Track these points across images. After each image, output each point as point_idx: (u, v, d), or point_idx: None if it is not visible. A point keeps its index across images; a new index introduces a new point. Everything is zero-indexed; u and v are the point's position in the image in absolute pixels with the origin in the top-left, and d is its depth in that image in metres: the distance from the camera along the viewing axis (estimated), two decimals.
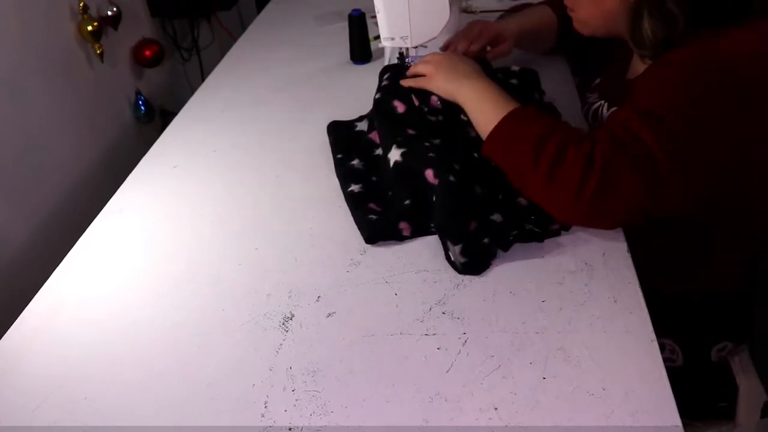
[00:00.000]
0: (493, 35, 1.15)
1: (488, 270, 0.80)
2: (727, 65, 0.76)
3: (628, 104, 0.81)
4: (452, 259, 0.81)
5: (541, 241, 0.83)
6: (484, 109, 0.88)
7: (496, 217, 0.86)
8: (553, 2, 1.23)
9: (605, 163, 0.74)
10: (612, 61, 1.05)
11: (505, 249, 0.82)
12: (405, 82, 1.02)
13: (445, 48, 1.13)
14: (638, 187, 0.74)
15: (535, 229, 0.84)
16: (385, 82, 1.07)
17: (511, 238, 0.83)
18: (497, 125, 0.85)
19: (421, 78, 1.00)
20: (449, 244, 0.81)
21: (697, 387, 1.04)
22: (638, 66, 0.93)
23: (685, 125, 0.75)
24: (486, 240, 0.82)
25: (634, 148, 0.74)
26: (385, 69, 1.11)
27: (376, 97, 1.06)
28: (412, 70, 1.03)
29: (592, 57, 1.15)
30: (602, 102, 1.00)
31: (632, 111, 0.78)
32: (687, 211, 0.86)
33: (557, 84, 1.19)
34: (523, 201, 0.87)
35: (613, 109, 0.95)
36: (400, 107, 1.01)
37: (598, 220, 0.80)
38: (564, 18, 1.19)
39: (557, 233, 0.84)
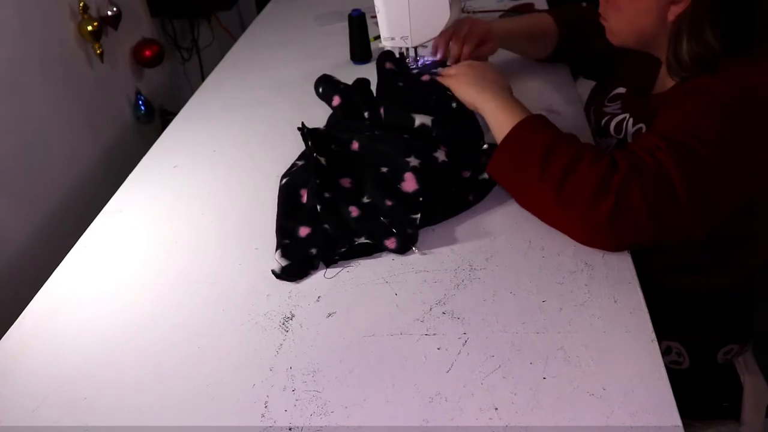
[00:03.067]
0: (483, 34, 1.14)
1: (488, 270, 0.80)
2: (759, 101, 0.77)
3: (656, 128, 0.81)
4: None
5: (370, 254, 0.84)
6: (499, 119, 0.89)
7: (327, 227, 0.87)
8: (555, 12, 1.23)
9: (622, 188, 0.74)
10: (635, 73, 1.04)
11: (327, 264, 0.83)
12: (441, 79, 1.02)
13: (434, 49, 1.12)
14: (649, 222, 0.75)
15: (367, 241, 0.85)
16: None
17: (336, 257, 0.84)
18: (506, 136, 0.86)
19: (447, 76, 1.01)
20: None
21: (702, 387, 1.04)
22: (666, 82, 0.92)
23: (715, 159, 0.75)
24: (313, 251, 0.84)
25: (656, 180, 0.74)
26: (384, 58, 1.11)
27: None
28: (446, 71, 1.04)
29: (609, 66, 1.14)
30: (626, 115, 0.99)
31: (661, 138, 0.77)
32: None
33: (559, 92, 1.19)
34: (354, 211, 0.88)
35: (639, 125, 0.94)
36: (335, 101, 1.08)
37: (603, 241, 0.80)
38: (566, 26, 1.19)
39: (386, 247, 0.84)
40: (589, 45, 1.17)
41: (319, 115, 1.18)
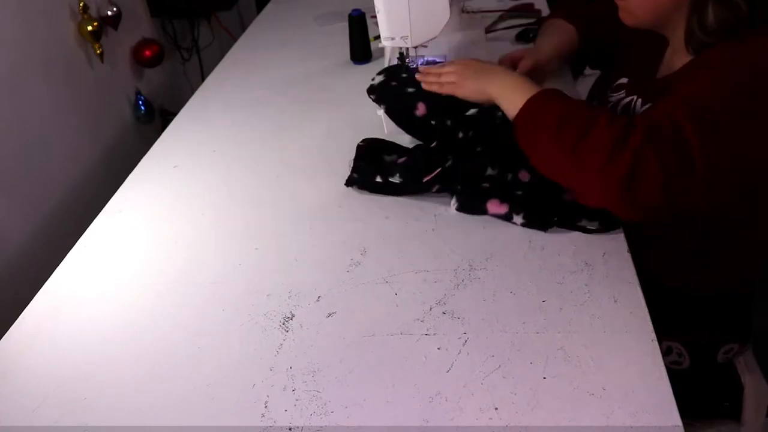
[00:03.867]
0: (513, 57, 1.15)
1: (488, 270, 0.80)
2: None
3: (670, 97, 0.79)
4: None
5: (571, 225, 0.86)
6: (515, 99, 0.88)
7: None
8: (570, 14, 1.22)
9: (638, 149, 0.73)
10: (636, 61, 1.04)
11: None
12: (429, 88, 1.00)
13: None
14: (663, 185, 0.73)
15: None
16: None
17: (555, 219, 0.86)
18: (522, 107, 0.85)
19: (449, 85, 0.98)
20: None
21: (703, 387, 1.04)
22: (672, 63, 0.92)
23: (730, 123, 0.74)
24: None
25: (673, 143, 0.73)
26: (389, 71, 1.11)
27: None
28: (434, 80, 1.00)
29: (615, 57, 1.14)
30: (634, 97, 0.98)
31: (678, 102, 0.76)
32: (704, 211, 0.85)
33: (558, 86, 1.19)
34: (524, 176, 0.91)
35: (648, 105, 0.93)
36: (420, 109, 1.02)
37: (617, 201, 0.77)
38: (585, 31, 1.19)
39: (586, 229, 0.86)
40: (603, 42, 1.16)
41: (318, 116, 1.19)
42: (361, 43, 1.39)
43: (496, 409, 0.63)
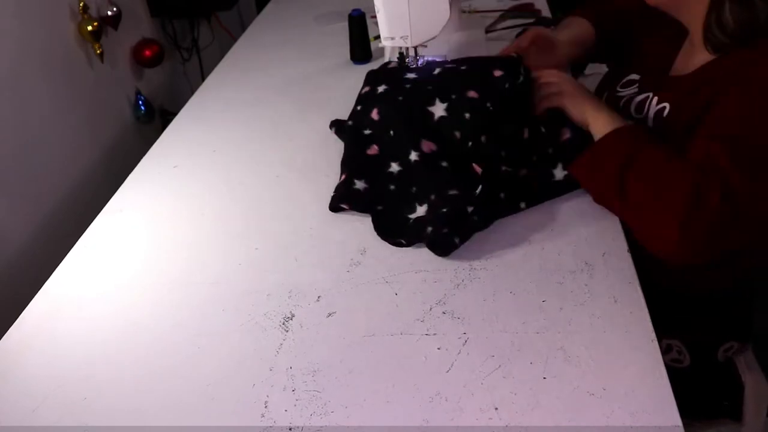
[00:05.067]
0: (544, 41, 1.14)
1: (488, 270, 0.80)
2: None
3: (714, 131, 0.78)
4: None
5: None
6: (603, 128, 0.88)
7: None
8: (585, 13, 1.21)
9: (716, 211, 0.72)
10: (649, 56, 1.02)
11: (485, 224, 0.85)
12: (539, 106, 0.98)
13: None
14: (737, 235, 0.75)
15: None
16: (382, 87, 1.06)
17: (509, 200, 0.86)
18: (603, 137, 0.86)
19: (556, 95, 0.97)
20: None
21: (703, 386, 1.04)
22: (687, 63, 0.90)
23: None
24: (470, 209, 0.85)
25: (720, 189, 0.73)
26: (375, 73, 1.11)
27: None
28: (545, 89, 0.98)
29: (625, 52, 1.13)
30: (649, 95, 0.95)
31: (724, 144, 0.75)
32: None
33: None
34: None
35: (663, 104, 0.91)
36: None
37: (695, 257, 0.78)
38: (595, 18, 1.18)
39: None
40: (615, 35, 1.15)
41: (318, 116, 1.19)
42: (361, 43, 1.39)
43: (496, 409, 0.63)
